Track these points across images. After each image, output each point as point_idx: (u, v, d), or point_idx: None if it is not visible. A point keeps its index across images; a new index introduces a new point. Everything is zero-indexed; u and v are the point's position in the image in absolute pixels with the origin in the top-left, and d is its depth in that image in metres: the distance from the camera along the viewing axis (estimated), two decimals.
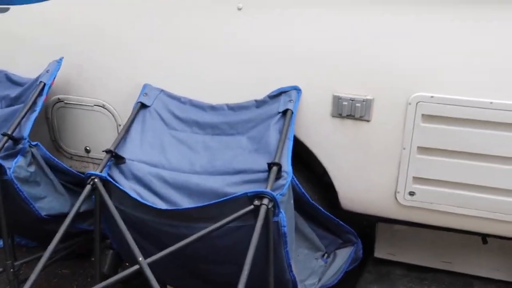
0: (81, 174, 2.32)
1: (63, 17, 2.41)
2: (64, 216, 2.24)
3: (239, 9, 2.11)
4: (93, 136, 2.58)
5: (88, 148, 2.61)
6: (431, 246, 2.59)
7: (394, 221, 2.31)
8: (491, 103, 1.87)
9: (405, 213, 2.19)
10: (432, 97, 1.94)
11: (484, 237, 2.34)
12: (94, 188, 1.94)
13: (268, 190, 1.76)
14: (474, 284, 2.56)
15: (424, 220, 2.20)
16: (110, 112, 2.48)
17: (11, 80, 2.54)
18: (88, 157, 2.64)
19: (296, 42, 2.08)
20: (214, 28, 2.18)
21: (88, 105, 2.51)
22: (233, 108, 2.22)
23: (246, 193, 1.75)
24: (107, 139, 2.53)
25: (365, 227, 2.72)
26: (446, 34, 1.87)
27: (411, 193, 2.11)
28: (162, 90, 2.31)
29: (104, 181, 1.96)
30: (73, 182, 2.36)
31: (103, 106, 2.48)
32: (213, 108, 2.24)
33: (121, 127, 2.48)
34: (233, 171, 1.98)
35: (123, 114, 2.45)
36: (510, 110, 1.85)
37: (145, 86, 2.31)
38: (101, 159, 2.57)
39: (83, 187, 2.06)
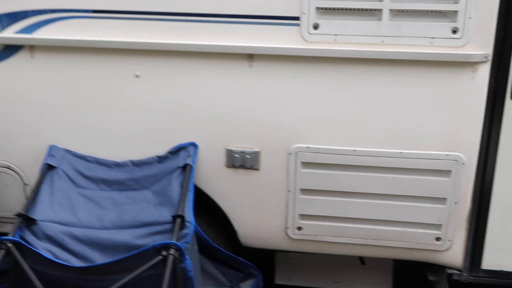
0: None
1: None
2: None
3: (137, 76, 2.35)
4: None
5: None
6: (323, 269, 2.96)
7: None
8: (355, 150, 2.28)
9: (296, 245, 2.53)
10: (308, 147, 2.31)
11: (362, 259, 2.75)
12: (8, 253, 2.04)
13: (173, 241, 1.99)
14: None
15: (312, 249, 2.56)
16: (16, 173, 2.57)
17: None
18: None
19: (191, 104, 2.36)
20: (115, 92, 2.38)
21: None
22: (137, 164, 2.43)
23: (154, 245, 1.97)
24: (13, 198, 2.63)
25: (265, 257, 3.03)
26: (316, 97, 2.26)
27: (299, 228, 2.46)
28: (68, 151, 2.46)
29: (17, 244, 2.06)
30: None
31: (9, 167, 2.56)
32: (118, 165, 2.43)
33: (28, 186, 2.58)
34: (140, 224, 2.19)
35: (29, 174, 2.55)
36: (369, 156, 2.27)
37: (51, 147, 2.45)
38: (8, 217, 2.67)
39: None
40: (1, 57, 2.41)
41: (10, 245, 2.04)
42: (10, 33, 2.36)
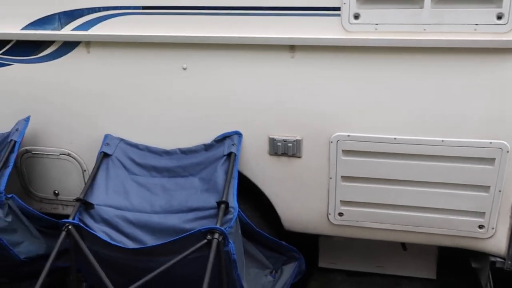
0: (53, 219, 2.61)
1: (28, 81, 2.69)
2: (40, 257, 2.55)
3: (184, 68, 2.46)
4: (60, 181, 2.86)
5: (56, 191, 2.89)
6: (366, 254, 3.02)
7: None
8: (395, 138, 2.30)
9: (337, 230, 2.60)
10: (348, 136, 2.35)
11: (403, 245, 2.78)
12: (69, 234, 2.24)
13: (217, 226, 2.11)
14: (402, 284, 3.01)
15: (353, 235, 2.61)
16: (76, 160, 2.77)
17: None
18: (57, 200, 2.92)
19: (235, 95, 2.45)
20: (164, 84, 2.52)
21: (55, 154, 2.80)
22: (185, 151, 2.56)
23: (200, 229, 2.10)
24: (74, 183, 2.84)
25: (308, 241, 3.12)
26: (357, 86, 2.29)
27: (340, 214, 2.52)
28: (121, 139, 2.63)
29: (77, 226, 2.25)
30: (46, 226, 2.64)
31: (69, 155, 2.77)
32: (167, 153, 2.58)
33: (86, 172, 2.78)
34: (188, 209, 2.33)
35: (87, 161, 2.75)
36: (410, 144, 2.29)
37: (106, 136, 2.62)
38: (69, 201, 2.89)
39: (56, 229, 2.36)
40: (60, 53, 2.59)
41: (70, 227, 2.24)
42: (68, 31, 2.53)
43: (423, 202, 2.38)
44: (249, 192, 2.61)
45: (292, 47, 2.32)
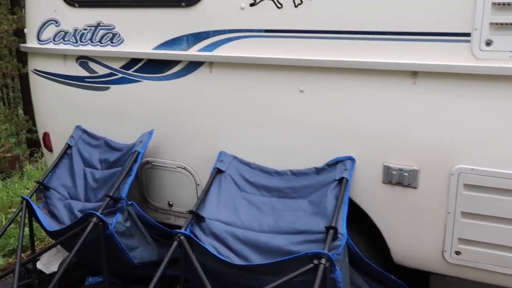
0: (166, 228, 2.74)
1: (153, 97, 2.88)
2: (151, 263, 2.67)
3: (301, 91, 2.48)
4: (175, 192, 3.00)
5: (170, 202, 3.03)
6: None
7: None
8: None
9: (452, 270, 2.41)
10: (472, 169, 2.19)
11: None
12: (180, 244, 2.32)
13: (325, 251, 2.07)
14: None
15: (471, 277, 2.40)
16: (190, 174, 2.90)
17: (109, 146, 3.03)
18: (170, 210, 3.06)
19: (350, 119, 2.41)
20: (280, 105, 2.55)
21: (172, 167, 2.95)
22: (295, 173, 2.56)
23: (307, 253, 2.07)
24: (187, 196, 2.96)
25: (418, 278, 2.93)
26: (484, 116, 2.14)
27: (457, 252, 2.34)
28: (235, 157, 2.70)
29: (188, 238, 2.34)
30: (160, 235, 2.78)
31: (185, 168, 2.90)
32: (278, 173, 2.60)
33: (199, 186, 2.89)
34: (295, 231, 2.31)
35: (201, 175, 2.86)
36: None
37: (220, 153, 2.71)
38: (181, 212, 3.01)
39: (168, 239, 2.47)
40: (185, 72, 2.75)
41: (182, 237, 2.32)
42: (194, 51, 2.68)
43: None
44: (357, 219, 2.53)
45: (414, 73, 2.24)
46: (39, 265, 2.98)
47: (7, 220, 5.12)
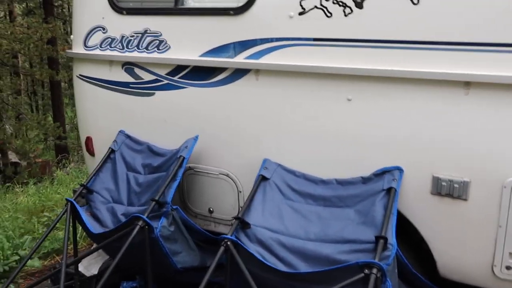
0: (210, 234, 2.75)
1: (198, 103, 2.91)
2: (193, 268, 2.68)
3: (349, 100, 2.48)
4: (216, 199, 3.01)
5: (211, 209, 3.04)
6: None
7: None
8: None
9: (502, 285, 2.36)
10: None
11: None
12: (226, 250, 2.33)
13: (376, 261, 2.05)
14: None
15: None
16: (233, 180, 2.91)
17: (152, 151, 3.07)
18: (211, 217, 3.07)
19: (399, 129, 2.40)
20: (326, 114, 2.55)
21: (214, 174, 2.96)
22: (341, 182, 2.55)
23: (357, 262, 2.05)
24: (228, 203, 2.97)
25: None
26: None
27: (508, 268, 2.29)
28: (279, 165, 2.70)
29: (234, 243, 2.34)
30: (202, 240, 2.78)
31: (227, 175, 2.91)
32: (323, 182, 2.59)
33: (241, 193, 2.89)
34: (343, 240, 2.29)
35: (243, 182, 2.87)
36: None
37: (265, 160, 2.72)
38: (221, 219, 3.02)
39: (210, 244, 2.47)
40: (231, 79, 2.77)
41: (229, 243, 2.32)
42: (241, 59, 2.70)
43: None
44: (403, 230, 2.50)
45: (467, 84, 2.22)
46: (80, 267, 3.01)
47: (52, 221, 5.23)
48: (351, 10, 2.42)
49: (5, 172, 9.57)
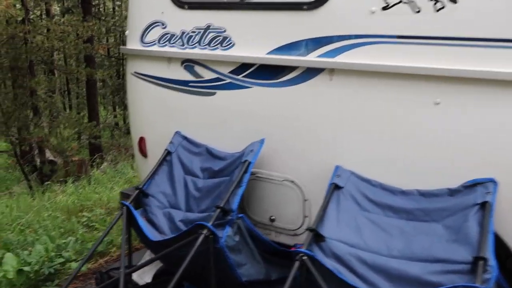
0: (278, 246, 2.55)
1: (263, 104, 2.72)
2: (258, 282, 2.49)
3: (437, 103, 2.26)
4: (279, 207, 2.82)
5: (272, 217, 2.85)
6: None
7: None
8: None
9: None
10: None
11: None
12: (302, 265, 2.13)
13: (478, 284, 1.82)
14: None
15: None
16: (298, 188, 2.71)
17: (211, 154, 2.90)
18: (271, 226, 2.88)
19: (492, 136, 2.16)
20: (410, 118, 2.33)
21: (278, 180, 2.77)
22: (424, 194, 2.32)
23: (457, 286, 1.83)
24: (292, 211, 2.77)
25: None
26: None
27: None
28: (352, 172, 2.49)
29: (312, 258, 2.13)
30: (268, 252, 2.59)
31: (292, 182, 2.72)
32: (403, 193, 2.36)
33: (307, 202, 2.69)
34: (432, 259, 2.07)
35: (310, 190, 2.66)
36: None
37: (337, 167, 2.51)
38: (283, 228, 2.82)
39: (278, 256, 2.27)
40: (302, 79, 2.58)
41: (305, 258, 2.12)
42: (314, 57, 2.51)
43: None
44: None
45: None
46: (133, 275, 2.85)
47: (91, 222, 5.15)
48: (444, 5, 2.19)
49: (42, 169, 9.61)
